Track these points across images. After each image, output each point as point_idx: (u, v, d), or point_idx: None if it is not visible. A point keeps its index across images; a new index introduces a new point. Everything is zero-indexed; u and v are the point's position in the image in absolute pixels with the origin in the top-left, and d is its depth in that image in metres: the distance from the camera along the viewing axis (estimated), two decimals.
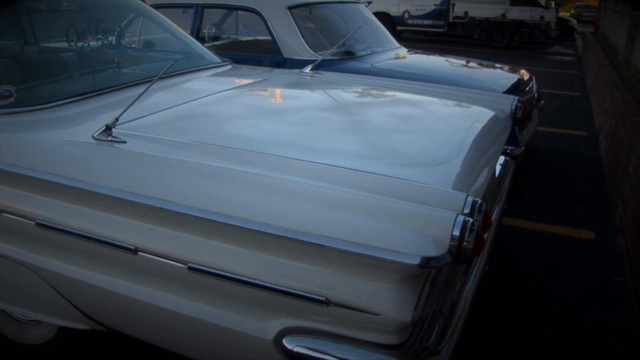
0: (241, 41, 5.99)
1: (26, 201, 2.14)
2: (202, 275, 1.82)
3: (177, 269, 1.86)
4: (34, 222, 2.11)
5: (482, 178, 2.25)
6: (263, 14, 4.98)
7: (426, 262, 1.55)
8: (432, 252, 1.56)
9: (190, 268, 1.83)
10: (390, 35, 6.12)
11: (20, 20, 3.91)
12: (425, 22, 18.53)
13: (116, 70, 3.49)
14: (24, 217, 2.14)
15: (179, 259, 1.85)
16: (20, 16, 3.89)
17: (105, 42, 3.78)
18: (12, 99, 2.48)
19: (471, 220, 1.61)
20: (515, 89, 4.77)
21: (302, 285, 1.69)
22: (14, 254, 2.25)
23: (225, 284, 1.79)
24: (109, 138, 2.13)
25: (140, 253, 1.91)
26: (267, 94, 3.27)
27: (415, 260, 1.54)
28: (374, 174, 1.91)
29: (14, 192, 2.17)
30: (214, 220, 1.76)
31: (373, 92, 3.33)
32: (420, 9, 18.46)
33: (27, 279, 2.25)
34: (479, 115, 2.87)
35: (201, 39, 5.04)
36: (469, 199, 1.70)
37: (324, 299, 1.66)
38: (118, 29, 4.04)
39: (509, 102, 3.14)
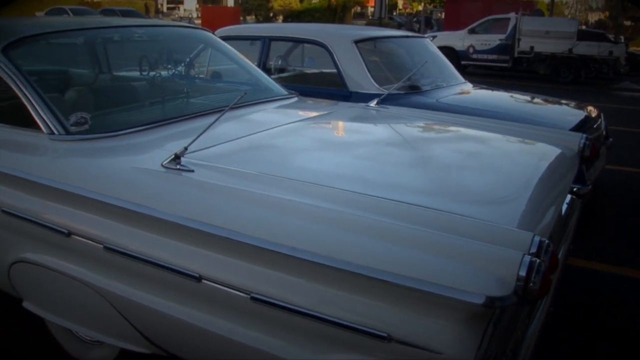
0: (307, 74, 6.06)
1: (95, 225, 2.21)
2: (264, 305, 1.83)
3: (239, 299, 1.87)
4: (102, 246, 2.17)
5: (549, 217, 2.21)
6: (329, 47, 5.03)
7: (491, 302, 1.53)
8: (497, 292, 1.53)
9: (253, 298, 1.84)
10: (455, 70, 6.09)
11: (96, 50, 4.06)
12: (490, 56, 18.39)
13: (185, 100, 3.58)
14: (93, 240, 2.21)
15: (242, 289, 1.87)
16: (96, 46, 4.04)
17: (175, 72, 3.89)
18: (87, 126, 2.58)
19: (538, 260, 1.58)
20: (583, 126, 4.67)
21: (365, 320, 1.68)
22: (81, 275, 2.32)
23: (287, 316, 1.80)
24: (178, 167, 2.18)
25: (204, 281, 1.94)
26: (333, 127, 3.30)
27: (480, 300, 1.52)
28: (439, 210, 1.90)
29: (84, 215, 2.25)
30: (278, 252, 1.78)
31: (438, 127, 3.32)
32: (485, 44, 18.33)
33: (93, 300, 2.31)
34: (545, 153, 2.83)
35: (267, 71, 5.12)
36: (535, 238, 1.67)
37: (385, 334, 1.65)
38: (187, 60, 4.15)
39: (577, 140, 3.07)
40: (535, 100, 5.71)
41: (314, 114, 3.49)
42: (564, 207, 3.17)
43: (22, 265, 2.54)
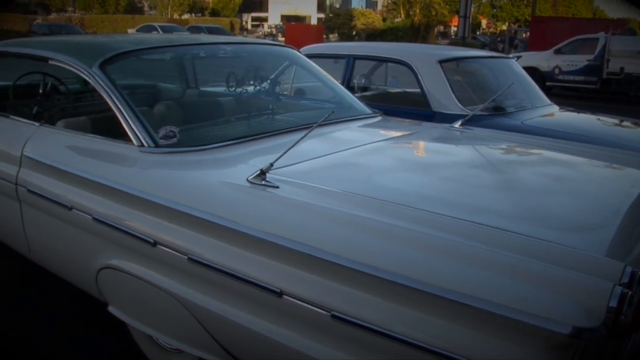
0: (390, 93, 6.05)
1: (181, 236, 2.27)
2: (344, 324, 1.82)
3: (320, 316, 1.87)
4: (186, 257, 2.22)
5: None
6: (414, 66, 5.00)
7: (578, 332, 1.48)
8: (585, 322, 1.48)
9: (333, 316, 1.84)
10: (540, 91, 5.95)
11: (184, 66, 4.19)
12: (577, 78, 17.82)
13: (270, 116, 3.63)
14: (178, 250, 2.26)
15: (323, 306, 1.87)
16: (184, 62, 4.17)
17: (261, 88, 3.95)
18: (175, 139, 2.66)
19: (630, 292, 1.52)
20: None
21: (446, 345, 1.65)
22: (165, 285, 2.38)
23: (367, 335, 1.79)
24: (263, 182, 2.21)
25: (285, 297, 1.96)
26: (417, 147, 3.27)
27: (567, 330, 1.47)
28: (525, 235, 1.84)
29: (170, 226, 2.31)
30: (360, 271, 1.77)
31: (523, 150, 3.24)
32: (572, 65, 17.78)
33: (175, 309, 2.37)
34: (636, 179, 2.72)
35: (351, 89, 5.13)
36: (627, 269, 1.60)
37: None
38: (273, 77, 4.22)
39: None
40: (625, 123, 5.50)
41: (398, 133, 3.49)
42: None
43: (109, 271, 2.63)
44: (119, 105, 2.72)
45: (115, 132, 2.78)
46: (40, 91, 3.61)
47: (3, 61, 3.70)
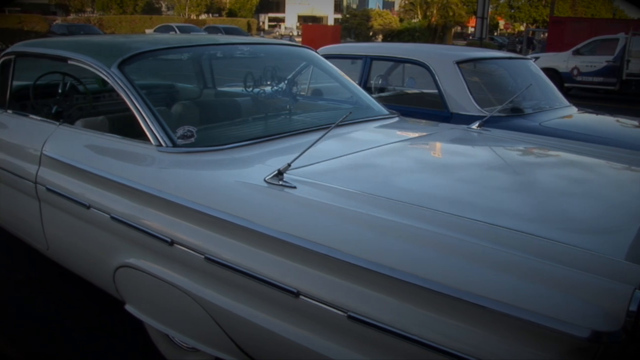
0: (407, 93, 6.02)
1: (198, 235, 2.28)
2: (360, 325, 1.82)
3: (336, 317, 1.87)
4: (203, 256, 2.23)
5: None
6: (431, 67, 4.98)
7: (597, 337, 1.46)
8: (603, 326, 1.47)
9: (349, 317, 1.84)
10: (559, 92, 5.91)
11: (202, 66, 4.20)
12: (596, 79, 17.62)
13: (287, 116, 3.63)
14: (195, 250, 2.27)
15: (340, 307, 1.87)
16: (202, 62, 4.18)
17: (278, 89, 3.96)
18: (192, 139, 2.67)
19: None
20: None
21: (463, 347, 1.65)
22: (182, 284, 2.39)
23: (383, 336, 1.78)
24: (280, 182, 2.21)
25: (301, 297, 1.96)
26: (434, 148, 3.26)
27: (585, 334, 1.46)
28: (542, 237, 1.83)
29: (187, 225, 2.32)
30: (377, 272, 1.77)
31: (541, 152, 3.22)
32: (591, 66, 17.59)
33: (191, 308, 2.38)
34: None
35: (368, 89, 5.12)
36: None
37: None
38: (290, 77, 4.22)
39: None
40: None
41: (416, 134, 3.48)
42: None
43: (126, 270, 2.65)
44: (137, 105, 2.74)
45: (133, 131, 2.80)
46: (60, 91, 3.64)
47: (23, 61, 3.74)
